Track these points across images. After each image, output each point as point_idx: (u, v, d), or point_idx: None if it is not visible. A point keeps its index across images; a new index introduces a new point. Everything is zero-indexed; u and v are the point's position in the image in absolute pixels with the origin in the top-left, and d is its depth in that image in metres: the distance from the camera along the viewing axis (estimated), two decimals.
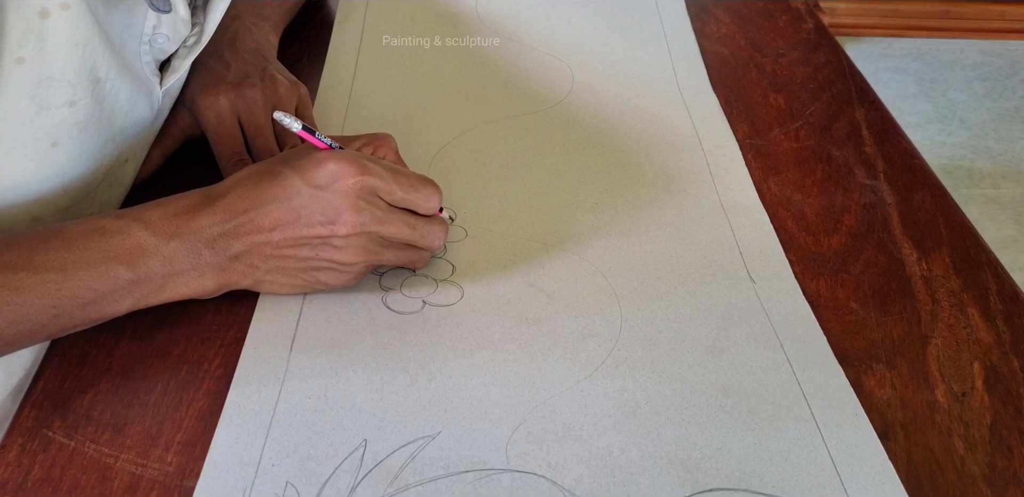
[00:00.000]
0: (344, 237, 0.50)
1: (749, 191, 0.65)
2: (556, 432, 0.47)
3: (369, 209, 0.50)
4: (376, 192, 0.51)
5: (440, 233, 0.54)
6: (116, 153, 0.58)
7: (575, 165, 0.68)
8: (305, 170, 0.50)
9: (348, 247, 0.51)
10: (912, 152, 0.70)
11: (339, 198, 0.50)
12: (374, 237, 0.52)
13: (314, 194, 0.50)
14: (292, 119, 0.51)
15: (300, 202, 0.50)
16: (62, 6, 0.48)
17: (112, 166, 0.58)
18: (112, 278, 0.48)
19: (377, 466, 0.45)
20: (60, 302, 0.47)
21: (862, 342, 0.53)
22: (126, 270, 0.48)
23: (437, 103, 0.75)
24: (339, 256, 0.51)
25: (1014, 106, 2.27)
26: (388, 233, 0.52)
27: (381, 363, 0.51)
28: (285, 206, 0.50)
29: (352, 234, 0.50)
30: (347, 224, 0.50)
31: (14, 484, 0.45)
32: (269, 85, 0.65)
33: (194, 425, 0.48)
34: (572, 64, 0.81)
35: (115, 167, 0.59)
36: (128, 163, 0.61)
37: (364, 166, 0.50)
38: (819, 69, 0.81)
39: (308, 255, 0.51)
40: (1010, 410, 0.49)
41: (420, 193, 0.52)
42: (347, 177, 0.49)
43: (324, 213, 0.50)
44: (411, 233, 0.53)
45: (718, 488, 0.45)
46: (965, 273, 0.58)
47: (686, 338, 0.53)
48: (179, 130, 0.66)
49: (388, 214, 0.51)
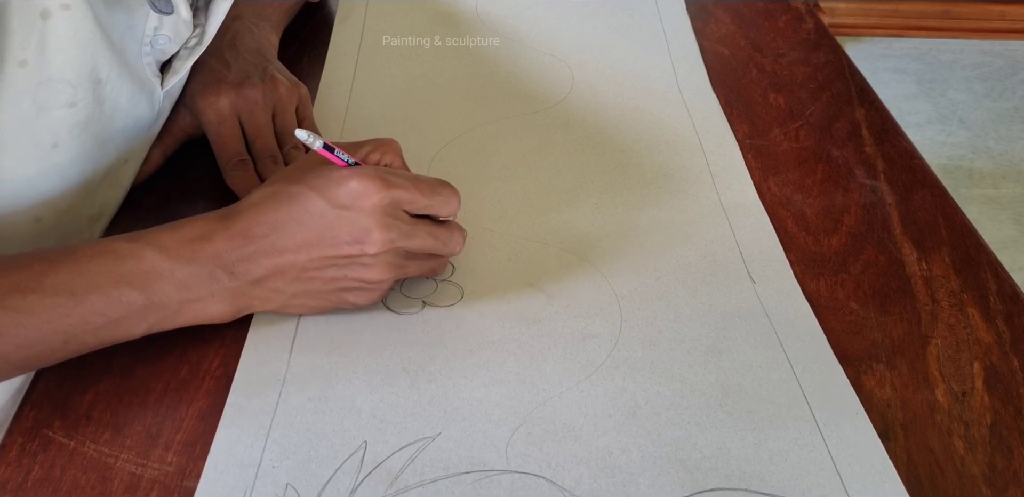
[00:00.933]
0: (374, 255, 0.49)
1: (749, 191, 0.65)
2: (556, 433, 0.47)
3: (396, 224, 0.49)
4: (400, 204, 0.50)
5: (459, 238, 0.54)
6: (116, 154, 0.58)
7: (575, 165, 0.68)
8: (326, 189, 0.48)
9: (377, 265, 0.50)
10: (912, 152, 0.70)
11: (366, 217, 0.48)
12: (400, 251, 0.51)
13: (340, 214, 0.48)
14: (314, 137, 0.49)
15: (325, 223, 0.48)
16: (63, 6, 0.48)
17: (112, 167, 0.58)
18: (125, 303, 0.47)
19: (377, 467, 0.45)
20: (71, 327, 0.46)
21: (862, 342, 0.53)
22: (139, 295, 0.47)
23: (437, 103, 0.75)
24: (368, 274, 0.50)
25: (1014, 106, 2.27)
26: (415, 246, 0.51)
27: (381, 364, 0.51)
28: (308, 227, 0.49)
29: (382, 252, 0.49)
30: (377, 242, 0.49)
31: (14, 484, 0.45)
32: (270, 85, 0.65)
33: (194, 425, 0.48)
34: (572, 64, 0.81)
35: (115, 168, 0.59)
36: (128, 164, 0.61)
37: (387, 180, 0.49)
38: (819, 69, 0.81)
39: (336, 275, 0.50)
40: (1010, 410, 0.49)
41: (442, 196, 0.52)
42: (372, 194, 0.48)
43: (351, 233, 0.49)
44: (435, 242, 0.52)
45: (718, 488, 0.45)
46: (965, 273, 0.58)
47: (686, 338, 0.53)
48: (179, 130, 0.66)
49: (413, 227, 0.51)
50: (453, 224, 0.54)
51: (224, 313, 0.50)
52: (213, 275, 0.48)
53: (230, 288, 0.49)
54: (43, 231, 0.56)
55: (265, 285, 0.50)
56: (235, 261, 0.48)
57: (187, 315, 0.49)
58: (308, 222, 0.48)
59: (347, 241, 0.49)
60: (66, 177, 0.54)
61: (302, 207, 0.49)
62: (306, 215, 0.48)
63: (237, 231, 0.48)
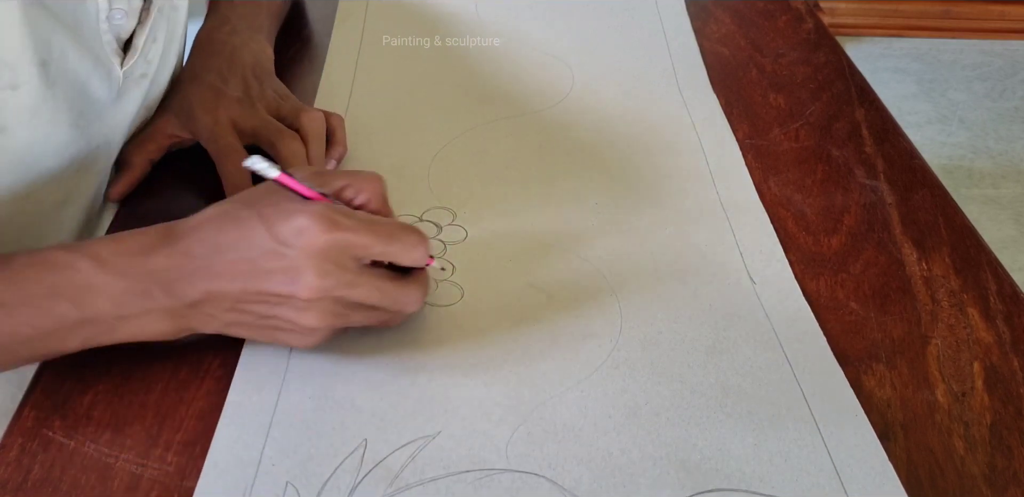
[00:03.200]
0: (306, 300, 0.46)
1: (749, 191, 0.65)
2: (556, 433, 0.47)
3: (336, 272, 0.45)
4: (348, 250, 0.46)
5: (415, 296, 0.49)
6: (84, 141, 0.56)
7: (575, 165, 0.68)
8: (272, 221, 0.45)
9: (311, 310, 0.46)
10: (912, 152, 0.70)
11: (304, 258, 0.45)
12: (341, 300, 0.47)
13: (276, 250, 0.45)
14: (268, 164, 0.46)
15: (262, 255, 0.45)
16: None
17: (78, 152, 0.57)
18: (57, 316, 0.45)
19: (377, 466, 0.45)
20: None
21: (862, 342, 0.53)
22: (72, 308, 0.45)
23: (437, 103, 0.75)
24: (300, 319, 0.46)
25: (1014, 106, 2.27)
26: (357, 297, 0.47)
27: (381, 363, 0.51)
28: (244, 256, 0.45)
29: (315, 298, 0.46)
30: (309, 288, 0.45)
31: (14, 484, 0.45)
32: (269, 101, 0.65)
33: (194, 425, 0.48)
34: (572, 64, 0.81)
35: (82, 153, 0.57)
36: (99, 149, 0.59)
37: (336, 222, 0.45)
38: (819, 69, 0.81)
39: (267, 313, 0.47)
40: (1010, 410, 0.49)
41: (401, 243, 0.47)
42: (316, 235, 0.45)
43: (286, 272, 0.45)
44: (382, 298, 0.48)
45: (718, 489, 0.45)
46: (965, 273, 0.58)
47: (686, 338, 0.53)
48: (164, 137, 0.66)
49: (358, 276, 0.46)
50: (411, 279, 0.49)
51: (164, 332, 0.47)
52: (148, 292, 0.46)
53: (167, 307, 0.46)
54: (1, 217, 0.55)
55: (201, 309, 0.47)
56: (172, 280, 0.46)
57: (124, 331, 0.47)
58: (245, 251, 0.45)
59: (280, 280, 0.45)
60: (22, 164, 0.52)
61: (243, 234, 0.46)
62: (244, 243, 0.45)
63: (179, 249, 0.46)
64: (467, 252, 0.59)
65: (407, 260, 0.48)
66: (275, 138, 0.62)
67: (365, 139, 0.70)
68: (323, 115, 0.65)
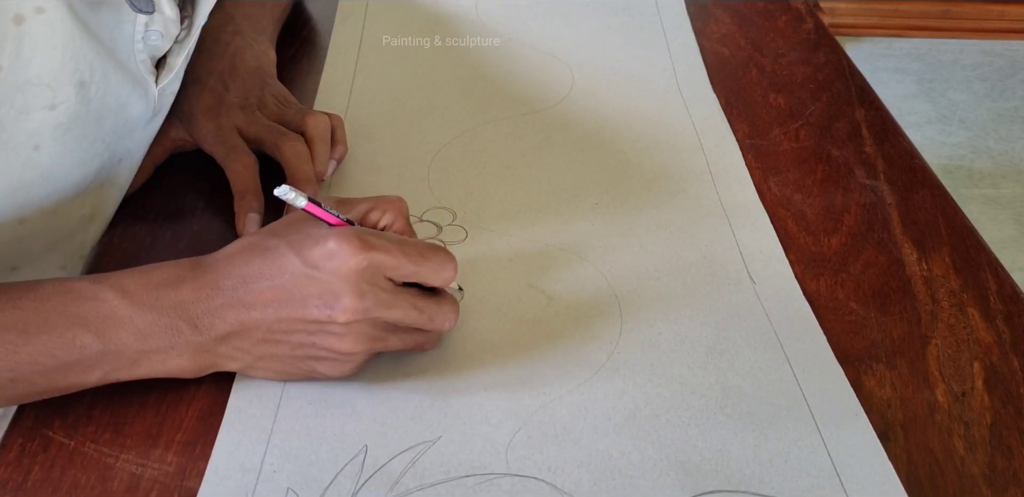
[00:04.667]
0: (344, 324, 0.45)
1: (749, 191, 0.65)
2: (556, 436, 0.47)
3: (373, 292, 0.45)
4: (382, 270, 0.46)
5: (451, 313, 0.49)
6: (107, 154, 0.57)
7: (575, 165, 0.68)
8: (302, 248, 0.45)
9: (349, 334, 0.46)
10: (912, 152, 0.70)
11: (339, 281, 0.44)
12: (378, 322, 0.47)
13: (311, 275, 0.45)
14: (297, 193, 0.45)
15: (294, 282, 0.45)
16: (36, 10, 0.47)
17: (103, 167, 0.58)
18: (78, 346, 0.44)
19: (378, 471, 0.45)
20: (18, 366, 0.44)
21: (862, 342, 0.53)
22: (94, 339, 0.44)
23: (437, 103, 0.75)
24: (338, 344, 0.46)
25: (1014, 106, 2.27)
26: (394, 317, 0.47)
27: (381, 367, 0.51)
28: (277, 285, 0.45)
29: (354, 321, 0.45)
30: (348, 310, 0.45)
31: (14, 484, 0.45)
32: (271, 106, 0.65)
33: (194, 425, 0.48)
34: (572, 64, 0.81)
35: (106, 167, 0.58)
36: (122, 162, 0.60)
37: (368, 243, 0.45)
38: (819, 69, 0.81)
39: (303, 341, 0.46)
40: (1010, 410, 0.49)
41: (431, 263, 0.47)
42: (349, 257, 0.44)
43: (322, 297, 0.45)
44: (419, 316, 0.47)
45: (718, 490, 0.45)
46: (965, 273, 0.58)
47: (686, 339, 0.53)
48: (170, 141, 0.66)
49: (394, 297, 0.46)
50: (445, 296, 0.50)
51: (185, 369, 0.47)
52: (175, 326, 0.45)
53: (193, 342, 0.46)
54: (30, 233, 0.55)
55: (230, 343, 0.46)
56: (200, 314, 0.45)
57: (146, 366, 0.46)
58: (278, 279, 0.45)
59: (316, 305, 0.45)
60: (50, 179, 0.53)
61: (274, 263, 0.45)
62: (277, 272, 0.45)
63: (207, 282, 0.46)
64: (467, 252, 0.59)
65: (437, 280, 0.48)
66: (278, 140, 0.62)
67: (365, 139, 0.70)
68: (327, 118, 0.65)
